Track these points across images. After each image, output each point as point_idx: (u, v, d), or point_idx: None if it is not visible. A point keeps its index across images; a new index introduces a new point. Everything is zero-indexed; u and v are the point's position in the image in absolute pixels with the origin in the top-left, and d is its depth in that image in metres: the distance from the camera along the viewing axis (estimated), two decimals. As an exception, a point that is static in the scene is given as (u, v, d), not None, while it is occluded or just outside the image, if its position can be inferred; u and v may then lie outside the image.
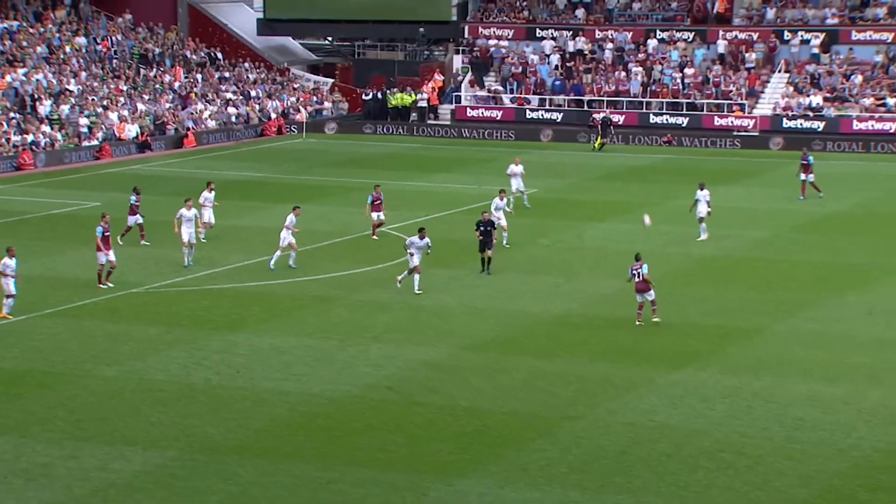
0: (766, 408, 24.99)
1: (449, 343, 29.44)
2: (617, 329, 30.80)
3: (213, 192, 41.27)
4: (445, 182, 53.73)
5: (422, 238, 33.77)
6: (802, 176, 49.03)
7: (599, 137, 63.49)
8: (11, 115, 60.56)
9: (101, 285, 33.99)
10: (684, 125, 67.51)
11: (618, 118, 68.36)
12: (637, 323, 30.81)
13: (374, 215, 40.62)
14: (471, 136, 68.86)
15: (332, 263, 37.66)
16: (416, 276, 33.55)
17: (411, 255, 33.63)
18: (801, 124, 66.00)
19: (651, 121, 68.16)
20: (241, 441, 23.12)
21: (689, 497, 20.68)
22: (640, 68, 70.63)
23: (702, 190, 41.14)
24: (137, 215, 39.77)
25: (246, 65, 77.44)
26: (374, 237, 40.77)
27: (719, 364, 27.88)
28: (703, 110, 68.35)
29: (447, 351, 28.84)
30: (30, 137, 59.03)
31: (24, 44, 67.74)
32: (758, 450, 22.67)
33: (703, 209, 40.90)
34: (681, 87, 69.45)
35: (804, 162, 49.07)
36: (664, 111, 68.61)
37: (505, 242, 38.98)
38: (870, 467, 22.03)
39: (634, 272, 30.90)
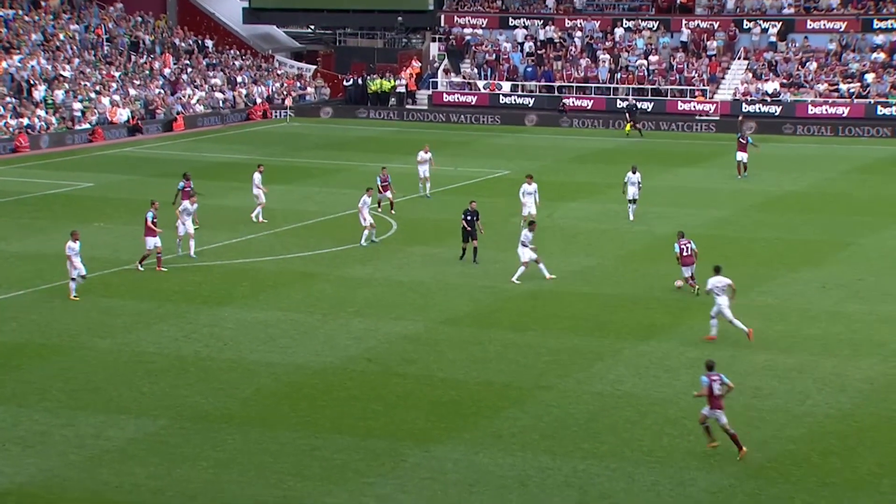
0: (727, 377, 25.05)
1: (426, 317, 29.43)
2: (587, 303, 30.86)
3: (262, 175, 40.14)
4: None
5: (531, 230, 32.78)
6: (739, 155, 49.35)
7: (629, 124, 62.94)
8: (8, 99, 60.09)
9: (160, 269, 33.27)
10: (649, 110, 67.56)
11: (586, 103, 68.41)
12: (681, 285, 31.43)
13: (384, 195, 40.85)
14: (447, 121, 68.76)
15: (316, 241, 37.58)
16: (541, 265, 32.62)
17: (524, 245, 32.54)
18: (759, 109, 66.17)
19: (618, 106, 68.18)
20: (228, 410, 23.08)
21: (653, 462, 20.77)
22: (608, 55, 70.62)
23: (634, 173, 40.84)
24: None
25: (232, 52, 77.05)
26: (392, 212, 40.75)
27: (682, 336, 27.98)
28: (667, 96, 68.42)
29: (424, 325, 28.84)
30: (25, 121, 58.61)
31: (20, 31, 67.17)
32: (718, 417, 22.75)
33: (632, 191, 40.61)
34: (646, 73, 69.48)
35: (742, 141, 49.50)
36: (630, 97, 68.63)
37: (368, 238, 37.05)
38: (822, 432, 22.19)
39: (683, 247, 31.37)
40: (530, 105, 69.70)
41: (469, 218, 34.93)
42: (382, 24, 79.32)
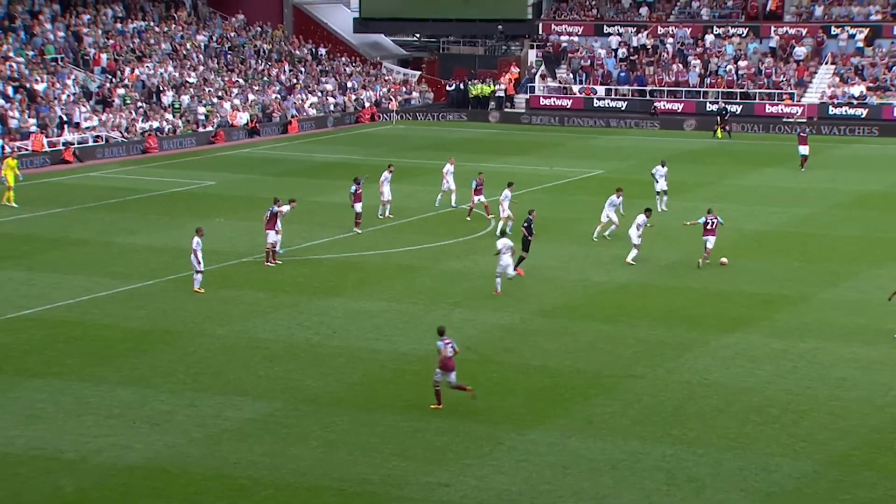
0: (810, 368, 24.63)
1: (521, 309, 29.36)
2: (674, 297, 30.50)
3: (392, 173, 40.16)
4: (520, 164, 53.52)
5: (647, 215, 33.72)
6: (801, 149, 49.60)
7: (718, 127, 62.20)
8: (139, 104, 61.47)
9: (268, 263, 33.49)
10: (738, 112, 66.49)
11: (677, 106, 67.61)
12: (726, 262, 32.90)
13: (476, 198, 39.95)
14: (544, 123, 68.52)
15: (418, 237, 37.73)
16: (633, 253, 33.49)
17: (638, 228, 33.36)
18: (845, 112, 64.70)
19: (707, 108, 67.27)
20: (337, 394, 23.30)
21: (738, 448, 20.46)
22: (698, 61, 69.67)
23: (662, 167, 41.30)
24: (360, 203, 37.62)
25: (343, 59, 77.74)
26: (490, 216, 39.75)
27: (767, 329, 27.51)
28: (755, 99, 67.26)
29: (519, 316, 28.78)
30: (155, 124, 59.89)
31: (151, 41, 68.65)
32: (802, 406, 22.38)
33: (661, 185, 41.05)
34: (735, 77, 68.38)
35: (803, 134, 50.07)
36: (720, 100, 67.65)
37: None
38: (905, 424, 21.63)
39: (709, 220, 32.80)
40: (623, 108, 69.10)
41: (529, 226, 32.87)
42: (483, 32, 79.35)
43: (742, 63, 68.87)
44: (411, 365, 25.05)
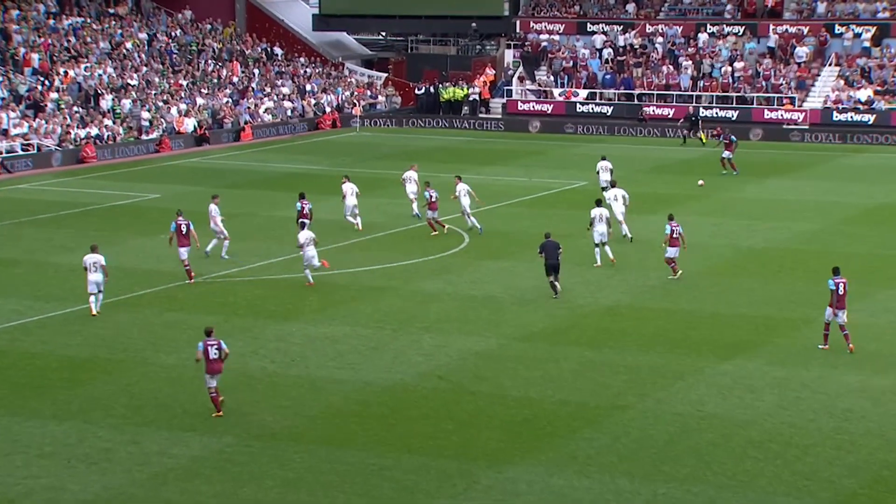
0: (814, 398, 24.78)
1: (498, 333, 29.43)
2: (666, 320, 30.64)
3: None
4: (496, 175, 53.70)
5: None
6: (725, 153, 52.57)
7: (702, 133, 62.54)
8: (75, 109, 61.24)
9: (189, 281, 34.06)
10: (734, 118, 66.97)
11: (667, 112, 68.06)
12: (670, 277, 33.94)
13: (430, 213, 40.17)
14: (521, 130, 68.80)
15: (385, 254, 37.77)
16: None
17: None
18: (851, 117, 65.29)
19: (701, 114, 67.71)
20: (296, 428, 23.26)
21: (737, 486, 20.55)
22: (690, 62, 70.18)
23: (603, 160, 45.67)
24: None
25: (302, 59, 77.81)
26: (444, 230, 40.55)
27: (768, 355, 27.67)
28: (753, 104, 67.79)
29: (497, 341, 28.84)
30: (93, 131, 59.67)
31: (88, 39, 68.44)
32: (806, 440, 22.50)
33: (604, 177, 44.51)
34: (731, 80, 68.91)
35: (727, 140, 52.93)
36: (714, 104, 68.15)
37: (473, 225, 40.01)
38: (918, 458, 21.79)
39: (673, 229, 33.81)
40: (608, 114, 69.49)
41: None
42: (456, 30, 79.61)
43: (738, 64, 69.40)
44: (377, 396, 25.04)
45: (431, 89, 73.31)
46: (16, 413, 23.84)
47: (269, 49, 77.64)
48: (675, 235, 33.85)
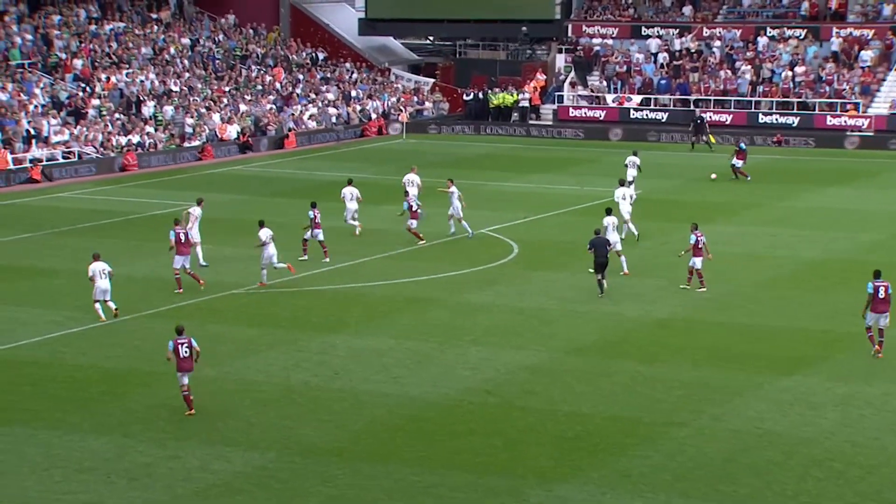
0: (878, 416, 24.52)
1: (549, 346, 29.37)
2: (722, 334, 30.44)
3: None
4: (546, 183, 53.62)
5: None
6: (735, 161, 52.85)
7: (709, 136, 62.66)
8: (116, 116, 61.85)
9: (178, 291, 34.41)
10: (795, 125, 66.50)
11: (726, 118, 67.70)
12: (682, 286, 33.99)
13: (412, 223, 40.16)
14: (574, 137, 68.67)
15: (432, 265, 37.81)
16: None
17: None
18: (917, 123, 64.66)
19: (760, 120, 67.29)
20: (339, 443, 23.31)
21: (796, 507, 20.38)
22: (749, 66, 69.78)
23: (634, 155, 47.81)
24: (320, 230, 38.08)
25: (347, 65, 78.12)
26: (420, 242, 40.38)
27: (829, 370, 27.42)
28: (814, 110, 67.26)
29: (547, 354, 28.77)
30: (134, 138, 60.22)
31: (130, 45, 69.10)
32: (870, 460, 22.27)
33: (632, 172, 46.52)
34: (791, 85, 68.44)
35: (738, 148, 53.57)
36: (774, 110, 67.71)
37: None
38: None
39: (698, 238, 33.77)
40: (663, 120, 69.20)
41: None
42: (505, 34, 79.62)
43: (799, 69, 68.90)
44: (423, 411, 25.05)
45: (480, 95, 73.37)
46: (55, 427, 24.06)
47: (313, 54, 78.05)
48: (699, 245, 33.75)
